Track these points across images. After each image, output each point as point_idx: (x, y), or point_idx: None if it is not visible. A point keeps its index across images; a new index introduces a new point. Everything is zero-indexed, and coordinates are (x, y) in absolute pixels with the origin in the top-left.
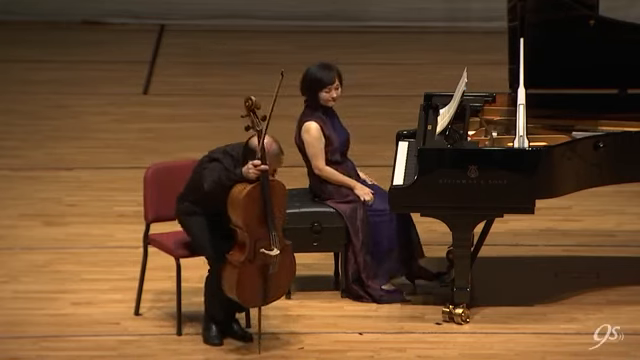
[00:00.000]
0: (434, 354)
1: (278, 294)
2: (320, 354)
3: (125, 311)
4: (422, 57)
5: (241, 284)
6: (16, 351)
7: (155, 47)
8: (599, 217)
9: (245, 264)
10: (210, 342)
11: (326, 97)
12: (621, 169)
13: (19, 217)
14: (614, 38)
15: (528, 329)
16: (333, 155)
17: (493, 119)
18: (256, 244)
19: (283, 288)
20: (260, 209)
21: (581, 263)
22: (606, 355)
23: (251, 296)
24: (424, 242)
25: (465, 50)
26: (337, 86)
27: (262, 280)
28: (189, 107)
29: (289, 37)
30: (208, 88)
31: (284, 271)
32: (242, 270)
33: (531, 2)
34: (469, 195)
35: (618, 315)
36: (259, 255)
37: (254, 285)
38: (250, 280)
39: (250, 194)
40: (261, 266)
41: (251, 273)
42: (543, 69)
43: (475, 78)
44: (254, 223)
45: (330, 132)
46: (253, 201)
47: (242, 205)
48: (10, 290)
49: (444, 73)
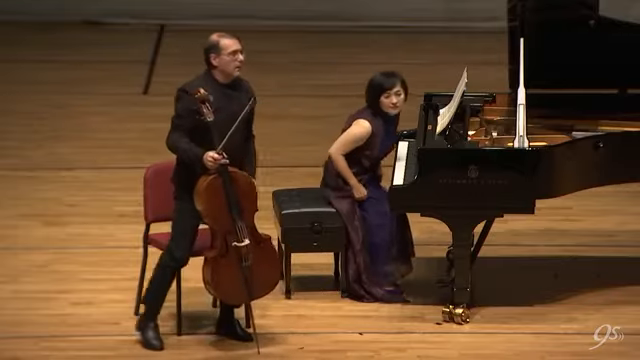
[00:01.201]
0: (434, 354)
1: (265, 290)
2: (320, 354)
3: (125, 311)
4: (422, 57)
5: (219, 280)
6: (16, 351)
7: (155, 47)
8: (599, 217)
9: (218, 259)
10: (151, 346)
11: (386, 103)
12: (621, 169)
13: (19, 217)
14: (614, 38)
15: (528, 329)
16: (368, 160)
17: (493, 119)
18: (227, 238)
19: (269, 283)
20: (224, 200)
21: (581, 263)
22: (606, 355)
23: (232, 292)
24: (424, 242)
25: (465, 50)
26: (398, 92)
27: (240, 275)
28: None
29: (288, 37)
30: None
31: (265, 265)
32: (217, 266)
33: (531, 2)
34: (469, 195)
35: (618, 315)
36: (232, 249)
37: (233, 281)
38: (227, 276)
39: (211, 185)
40: (236, 260)
41: (227, 268)
42: (543, 69)
43: (475, 78)
44: (220, 215)
45: (377, 140)
46: (215, 192)
47: (204, 197)
48: (10, 290)
49: (444, 73)
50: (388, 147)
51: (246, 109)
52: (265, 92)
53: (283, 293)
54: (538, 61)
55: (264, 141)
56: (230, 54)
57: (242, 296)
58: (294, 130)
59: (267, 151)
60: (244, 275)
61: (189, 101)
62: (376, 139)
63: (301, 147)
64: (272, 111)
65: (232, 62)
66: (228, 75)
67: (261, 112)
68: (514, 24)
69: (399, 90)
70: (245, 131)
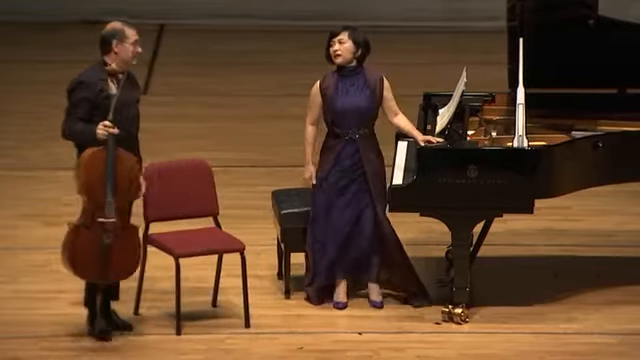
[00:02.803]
0: (433, 354)
1: (121, 275)
2: (319, 354)
3: (124, 311)
4: (421, 57)
5: (75, 250)
6: (16, 351)
7: (155, 47)
8: (599, 217)
9: (81, 229)
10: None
11: (330, 52)
12: (620, 169)
13: (19, 217)
14: (613, 38)
15: (527, 329)
16: (331, 122)
17: (492, 119)
18: (96, 211)
19: (127, 269)
20: (102, 174)
21: (580, 263)
22: (606, 355)
23: (86, 266)
24: (423, 242)
25: (464, 50)
26: (342, 40)
27: (98, 251)
28: (188, 107)
29: (288, 37)
30: (207, 88)
31: (125, 252)
32: (77, 235)
33: (530, 2)
34: (468, 195)
35: (617, 315)
36: (97, 223)
37: (89, 254)
38: (85, 248)
39: (95, 156)
40: (98, 235)
41: (86, 240)
42: (542, 69)
43: (474, 78)
44: (95, 188)
45: (332, 94)
46: (96, 163)
47: (85, 165)
48: (10, 290)
49: (443, 73)
50: (352, 103)
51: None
52: (265, 92)
53: (282, 293)
54: (537, 61)
55: (264, 141)
56: (132, 43)
57: (95, 273)
58: (293, 130)
59: (267, 151)
60: (102, 252)
61: (84, 91)
62: (328, 92)
63: (300, 147)
64: (271, 111)
65: (133, 51)
66: (125, 63)
67: (260, 112)
68: (513, 24)
69: (343, 38)
70: (137, 118)
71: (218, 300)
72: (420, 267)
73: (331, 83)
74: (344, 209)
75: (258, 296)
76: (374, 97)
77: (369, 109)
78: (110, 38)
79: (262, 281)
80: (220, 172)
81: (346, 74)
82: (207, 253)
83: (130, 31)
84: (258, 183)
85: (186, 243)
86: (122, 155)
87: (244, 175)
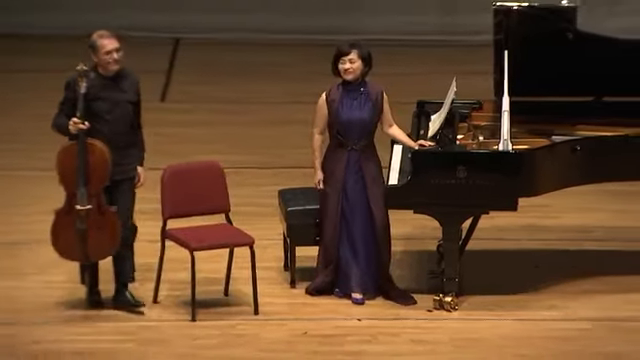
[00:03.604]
0: (426, 338)
1: (100, 255)
2: (322, 338)
3: (145, 299)
4: (415, 67)
5: (57, 234)
6: (43, 335)
7: (171, 58)
8: (577, 214)
9: (62, 216)
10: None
11: (341, 68)
12: (597, 170)
13: (49, 213)
14: (590, 50)
15: (512, 315)
16: (336, 132)
17: (480, 124)
18: (72, 199)
19: (105, 251)
20: (74, 165)
21: (560, 256)
22: (583, 339)
23: (67, 249)
24: (417, 237)
25: (455, 61)
26: (352, 60)
27: (77, 235)
28: (202, 113)
29: (294, 49)
30: (219, 96)
31: (103, 234)
32: (59, 221)
33: (514, 17)
34: (458, 194)
35: (594, 303)
36: (74, 211)
37: (68, 238)
38: (64, 232)
39: (67, 150)
40: (74, 221)
41: (65, 226)
42: (525, 79)
43: (464, 87)
44: (69, 178)
45: (337, 107)
46: (69, 156)
47: (59, 158)
48: (40, 280)
49: (436, 82)
50: (355, 116)
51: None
52: (272, 100)
53: (288, 283)
54: (521, 71)
55: (271, 144)
56: (105, 53)
57: (76, 254)
58: (298, 134)
59: (273, 154)
60: (78, 236)
61: (68, 90)
62: (334, 105)
63: (305, 150)
64: (278, 117)
65: (106, 60)
66: (105, 70)
67: (268, 118)
68: (499, 37)
69: (353, 57)
70: (132, 119)
71: (229, 289)
72: (414, 259)
73: (337, 96)
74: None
75: (266, 286)
76: (375, 110)
77: (371, 122)
78: (89, 48)
79: (269, 272)
80: (231, 173)
81: (351, 88)
82: (219, 247)
83: (103, 42)
84: (266, 183)
85: (200, 238)
86: (92, 147)
87: (253, 176)
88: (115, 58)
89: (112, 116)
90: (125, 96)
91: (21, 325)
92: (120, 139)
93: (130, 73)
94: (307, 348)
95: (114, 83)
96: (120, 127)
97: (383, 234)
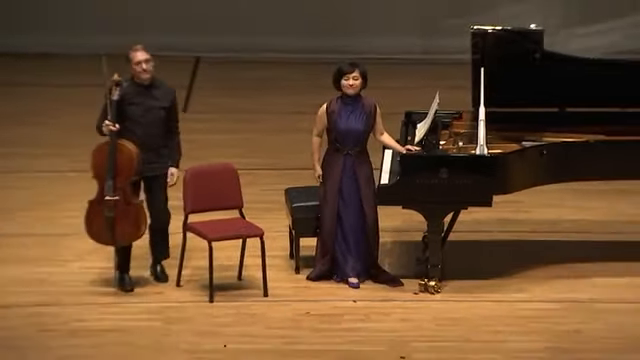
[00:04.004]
0: (413, 317)
1: (125, 240)
2: (322, 317)
3: (168, 283)
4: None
5: (89, 220)
6: (82, 314)
7: (192, 74)
8: (544, 209)
9: (94, 204)
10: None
11: (344, 84)
12: (561, 171)
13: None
14: (555, 67)
15: (488, 298)
16: (334, 140)
17: (459, 132)
18: (102, 191)
19: (130, 236)
20: (105, 161)
21: (529, 246)
22: (549, 317)
23: (97, 233)
24: (405, 229)
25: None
26: (355, 77)
27: (105, 222)
28: (219, 122)
29: (299, 67)
30: (234, 107)
31: (128, 222)
32: (90, 209)
33: (490, 39)
34: (440, 192)
35: (559, 286)
36: (104, 201)
37: (98, 224)
38: (96, 219)
39: (100, 148)
40: (102, 209)
41: (96, 213)
42: (499, 92)
43: (445, 99)
44: (101, 172)
45: (337, 118)
46: (101, 153)
47: (94, 155)
48: (78, 267)
49: (421, 95)
50: (352, 126)
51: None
52: (280, 110)
53: (293, 269)
54: (495, 85)
55: (278, 149)
56: (136, 64)
57: (105, 238)
58: (302, 141)
59: (281, 157)
60: (107, 222)
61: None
62: (334, 116)
63: (307, 154)
64: (286, 125)
65: (137, 69)
66: (138, 79)
67: (277, 126)
68: (476, 57)
69: (355, 75)
70: (164, 123)
71: (242, 275)
72: (402, 249)
73: (336, 108)
74: (346, 207)
75: (274, 272)
76: (369, 121)
77: (365, 131)
78: (126, 60)
79: (277, 260)
80: (244, 174)
81: (348, 102)
82: (233, 238)
83: (136, 54)
84: (274, 182)
85: (217, 230)
86: (121, 147)
87: (263, 176)
88: (144, 68)
89: (145, 120)
90: (157, 103)
91: (62, 305)
92: (153, 141)
93: (165, 84)
94: (309, 325)
95: (147, 91)
96: (153, 130)
97: (373, 228)
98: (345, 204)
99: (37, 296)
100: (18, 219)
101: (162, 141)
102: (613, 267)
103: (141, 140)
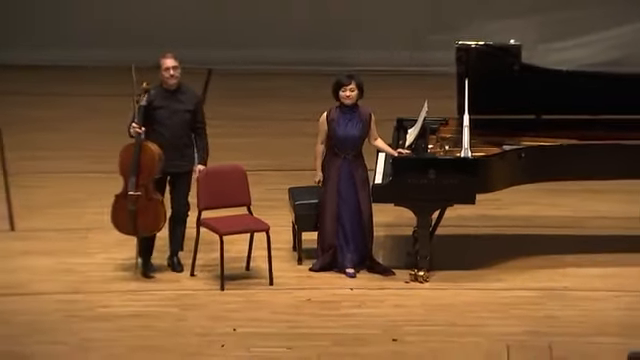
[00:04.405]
0: (404, 303)
1: (146, 231)
2: (322, 304)
3: (183, 273)
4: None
5: (114, 213)
6: (107, 301)
7: (205, 85)
8: (522, 206)
9: (120, 199)
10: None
11: (342, 95)
12: (537, 172)
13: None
14: (532, 78)
15: (471, 286)
16: (333, 145)
17: (446, 136)
18: (127, 187)
19: (150, 228)
20: (130, 160)
21: (508, 239)
22: (526, 304)
23: (121, 224)
24: (397, 224)
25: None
26: (352, 88)
27: (128, 214)
28: (230, 128)
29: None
30: (243, 114)
31: (148, 216)
32: (116, 202)
33: (473, 53)
34: (429, 191)
35: (535, 276)
36: (127, 196)
37: (122, 216)
38: (120, 212)
39: (127, 147)
40: (126, 203)
41: (120, 206)
42: (481, 101)
43: (433, 107)
44: (126, 170)
45: (336, 125)
46: (127, 152)
47: (121, 154)
48: (104, 258)
49: (412, 103)
50: (349, 133)
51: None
52: (285, 117)
53: (296, 261)
54: (478, 95)
55: (283, 152)
56: (164, 70)
57: (128, 229)
58: (304, 145)
59: (285, 159)
60: (129, 215)
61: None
62: (333, 123)
63: (308, 157)
64: (290, 131)
65: (165, 75)
66: (166, 84)
67: (281, 131)
68: (461, 69)
69: (352, 87)
70: (189, 125)
71: (250, 265)
72: (394, 242)
73: (335, 116)
74: (343, 205)
75: (278, 263)
76: (365, 128)
77: (361, 137)
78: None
79: (281, 252)
80: (252, 174)
81: (346, 111)
82: (242, 232)
83: (164, 60)
84: (278, 182)
85: (228, 225)
86: (145, 147)
87: (269, 177)
88: (172, 74)
89: (171, 121)
90: (182, 106)
91: (88, 293)
92: (179, 141)
93: (191, 89)
94: (310, 311)
95: (173, 95)
96: (179, 131)
97: (369, 224)
98: (343, 202)
99: (65, 284)
100: (48, 215)
101: (186, 142)
102: (584, 259)
103: (167, 141)
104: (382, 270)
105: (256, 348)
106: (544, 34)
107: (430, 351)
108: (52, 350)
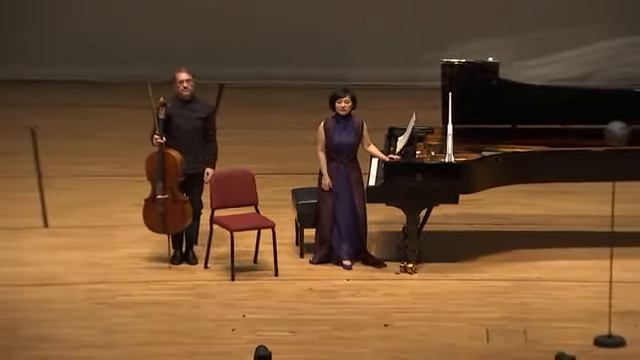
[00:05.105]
0: (394, 292)
1: (175, 229)
2: (322, 293)
3: (198, 265)
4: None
5: (145, 214)
6: (130, 290)
7: (217, 98)
8: (501, 206)
9: (149, 202)
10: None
11: (337, 106)
12: (512, 175)
13: (132, 206)
14: (509, 92)
15: (455, 277)
16: (330, 151)
17: (432, 144)
18: (154, 191)
19: (178, 226)
20: (156, 167)
21: (488, 236)
22: (503, 292)
23: (152, 224)
24: (388, 222)
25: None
26: (347, 100)
27: (158, 216)
28: (240, 136)
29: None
30: (251, 123)
31: (176, 215)
32: (147, 205)
33: (456, 69)
34: (417, 192)
35: (512, 267)
36: (156, 199)
37: (152, 218)
38: (151, 213)
39: (151, 156)
40: (155, 206)
41: (150, 209)
42: (463, 112)
43: (420, 117)
44: (152, 176)
45: (332, 134)
46: (152, 160)
47: (147, 162)
48: (127, 253)
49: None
50: (344, 140)
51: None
52: (288, 126)
53: (298, 254)
54: (460, 107)
55: (287, 157)
56: (178, 83)
57: (158, 229)
58: (306, 151)
59: (289, 163)
60: (159, 216)
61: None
62: (329, 132)
63: (310, 162)
64: (292, 138)
65: (179, 87)
66: (180, 95)
67: (285, 139)
68: (445, 83)
69: (347, 99)
70: (202, 131)
71: (257, 258)
72: (386, 237)
73: (331, 126)
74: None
75: (283, 256)
76: (358, 136)
77: (354, 145)
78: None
79: (285, 247)
80: (259, 177)
81: (341, 120)
82: (250, 229)
83: (179, 74)
84: (283, 184)
85: (237, 222)
86: (168, 154)
87: (274, 179)
88: (185, 86)
89: (186, 127)
90: (195, 114)
91: (115, 283)
92: (194, 145)
93: (204, 100)
94: (311, 299)
95: (187, 105)
96: (193, 136)
97: (363, 221)
98: (340, 202)
99: (92, 276)
100: (78, 214)
101: (200, 146)
102: (555, 252)
103: (185, 145)
104: (375, 262)
105: (263, 332)
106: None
107: (418, 334)
108: (82, 334)
